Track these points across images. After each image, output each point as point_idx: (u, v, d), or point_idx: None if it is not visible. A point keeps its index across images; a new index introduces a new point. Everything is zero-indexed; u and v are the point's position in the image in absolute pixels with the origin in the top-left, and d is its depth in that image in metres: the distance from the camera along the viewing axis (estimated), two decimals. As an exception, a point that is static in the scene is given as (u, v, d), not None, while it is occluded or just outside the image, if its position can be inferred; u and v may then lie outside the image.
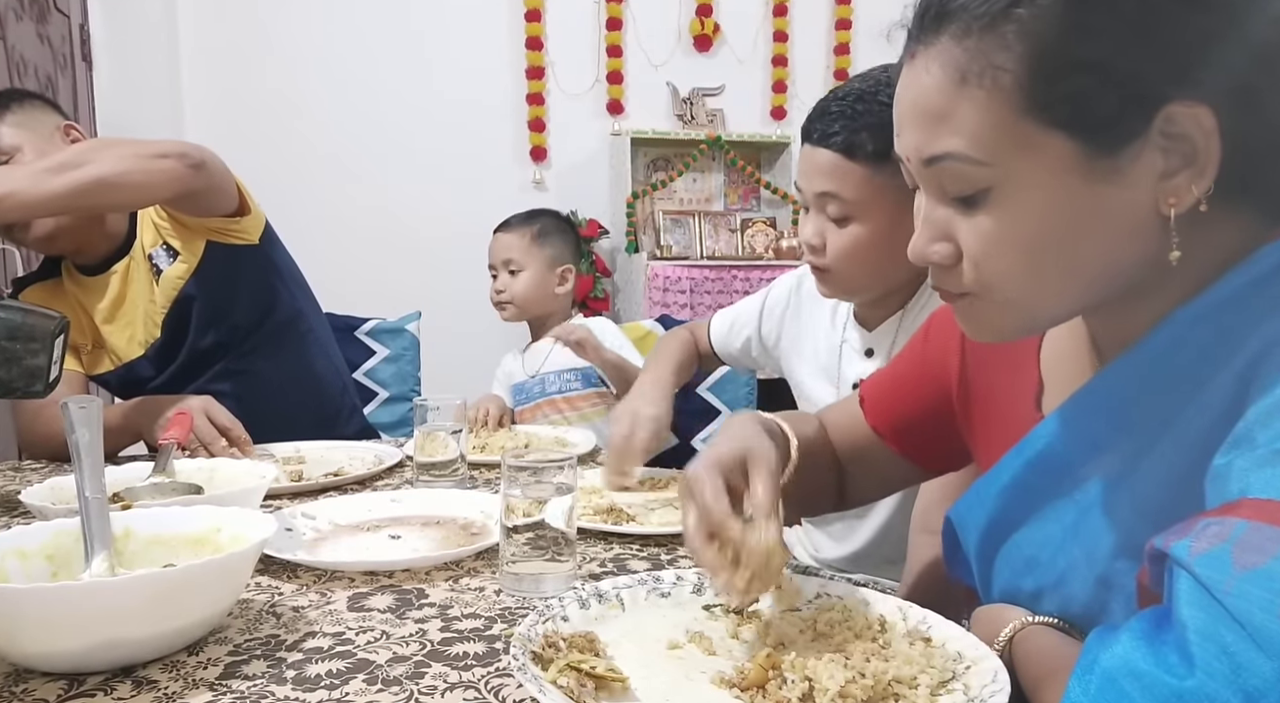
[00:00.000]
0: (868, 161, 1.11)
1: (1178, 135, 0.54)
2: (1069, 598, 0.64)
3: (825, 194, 1.15)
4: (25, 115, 1.50)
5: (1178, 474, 0.55)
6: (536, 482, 0.83)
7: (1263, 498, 0.46)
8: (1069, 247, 0.58)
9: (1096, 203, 0.56)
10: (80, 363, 1.61)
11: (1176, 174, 0.55)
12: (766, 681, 0.61)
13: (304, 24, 3.52)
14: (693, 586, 0.79)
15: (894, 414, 0.90)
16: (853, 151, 1.12)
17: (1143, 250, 0.58)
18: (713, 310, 3.86)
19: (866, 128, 1.10)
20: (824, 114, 1.14)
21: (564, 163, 3.83)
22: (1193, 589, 0.45)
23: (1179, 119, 0.54)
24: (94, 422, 0.81)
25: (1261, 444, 0.48)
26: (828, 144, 1.13)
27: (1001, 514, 0.70)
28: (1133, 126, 0.54)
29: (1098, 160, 0.55)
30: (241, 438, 1.34)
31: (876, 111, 1.10)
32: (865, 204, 1.13)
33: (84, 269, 1.59)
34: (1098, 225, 0.57)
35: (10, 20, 2.22)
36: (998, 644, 0.64)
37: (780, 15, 3.94)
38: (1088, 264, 0.59)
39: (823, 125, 1.14)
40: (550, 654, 0.63)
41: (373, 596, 0.83)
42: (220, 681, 0.66)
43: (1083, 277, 0.59)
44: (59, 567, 0.78)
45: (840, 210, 1.15)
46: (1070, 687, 0.48)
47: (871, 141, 1.10)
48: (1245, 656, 0.42)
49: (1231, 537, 0.45)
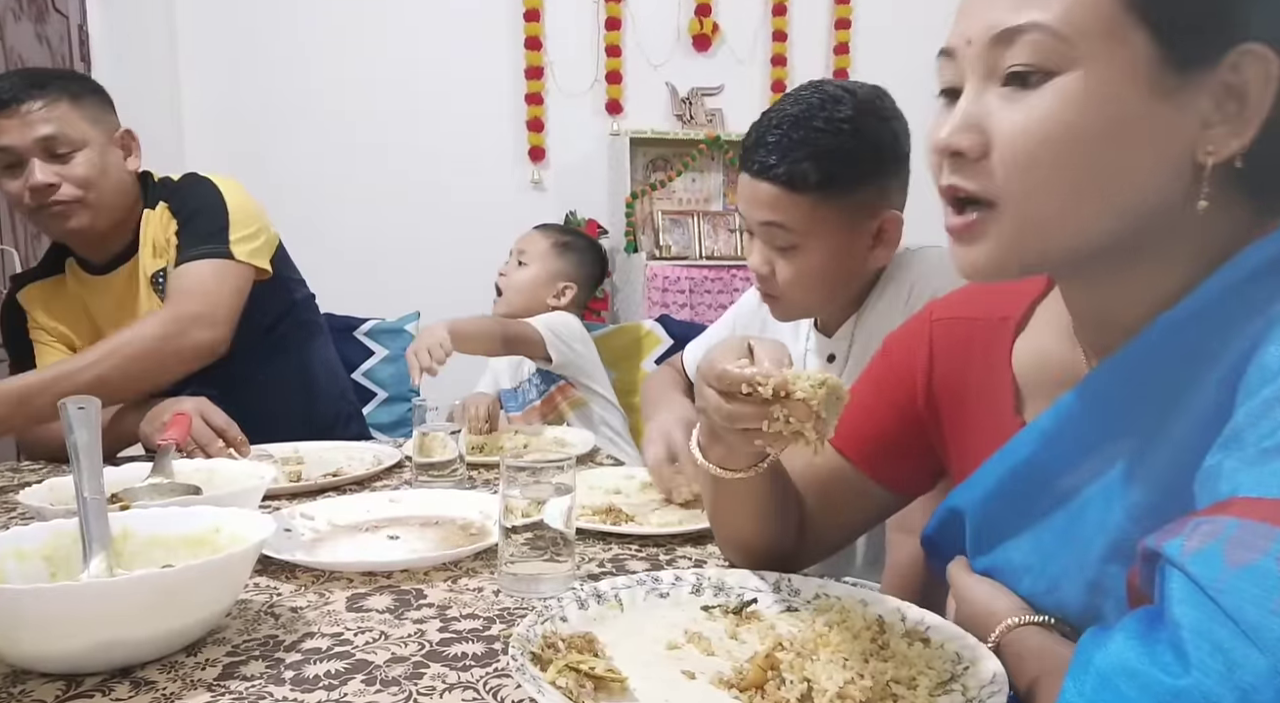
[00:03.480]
0: (811, 192, 1.09)
1: (1235, 87, 0.54)
2: (1062, 604, 0.64)
3: (769, 224, 1.13)
4: (99, 111, 1.50)
5: (1167, 477, 0.56)
6: (535, 482, 0.83)
7: (1253, 496, 0.46)
8: (1107, 153, 0.56)
9: (1148, 117, 0.55)
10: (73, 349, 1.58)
11: (1218, 125, 0.55)
12: (765, 681, 0.62)
13: (302, 24, 3.52)
14: (691, 586, 0.79)
15: (860, 435, 0.86)
16: (795, 183, 1.09)
17: (1168, 191, 0.57)
18: (712, 310, 3.85)
19: (808, 157, 1.08)
20: (760, 144, 1.11)
21: (563, 163, 3.83)
22: (1186, 588, 0.45)
23: (1246, 65, 0.54)
24: (92, 422, 0.81)
25: (1250, 444, 0.48)
26: (769, 177, 1.10)
27: (988, 522, 0.70)
28: (1208, 51, 0.54)
29: (1167, 74, 0.54)
30: (238, 439, 1.33)
31: (814, 138, 1.08)
32: (810, 233, 1.11)
33: (88, 267, 1.59)
34: (1140, 141, 0.56)
35: (9, 20, 2.22)
36: (989, 644, 0.65)
37: (779, 15, 3.93)
38: (1116, 181, 0.57)
39: (761, 156, 1.11)
40: (549, 655, 0.63)
41: (371, 596, 0.83)
42: (218, 681, 0.66)
43: (1106, 195, 0.57)
44: (57, 567, 0.78)
45: (786, 240, 1.13)
46: (1065, 687, 0.48)
47: (814, 171, 1.08)
48: (1239, 652, 0.42)
49: (1223, 535, 0.45)
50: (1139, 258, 0.60)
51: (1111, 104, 0.55)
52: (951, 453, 0.81)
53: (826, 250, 1.12)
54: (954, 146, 0.59)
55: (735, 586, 0.80)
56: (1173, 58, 0.54)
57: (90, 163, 1.45)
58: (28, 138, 1.41)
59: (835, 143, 1.08)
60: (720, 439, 0.73)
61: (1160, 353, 0.59)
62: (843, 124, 1.08)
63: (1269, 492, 0.46)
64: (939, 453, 0.83)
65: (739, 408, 0.65)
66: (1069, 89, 0.55)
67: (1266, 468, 0.47)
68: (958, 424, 0.80)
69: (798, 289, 1.16)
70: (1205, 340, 0.55)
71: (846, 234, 1.12)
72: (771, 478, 0.80)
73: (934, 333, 0.82)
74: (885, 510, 0.90)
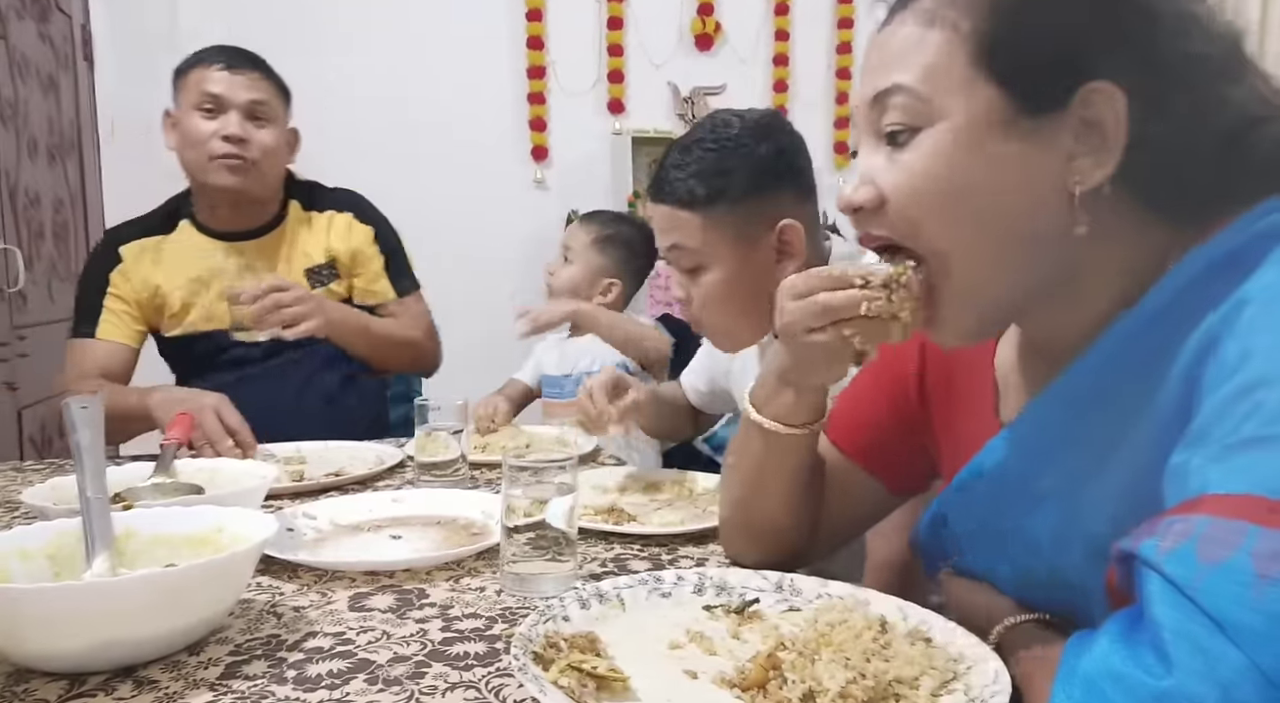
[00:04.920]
0: (700, 208, 1.13)
1: (1091, 121, 0.59)
2: (1043, 604, 0.65)
3: (673, 248, 1.17)
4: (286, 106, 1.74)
5: (1137, 477, 0.56)
6: (537, 481, 0.83)
7: (1222, 492, 0.47)
8: (982, 197, 0.60)
9: (1009, 158, 0.60)
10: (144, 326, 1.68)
11: (1082, 157, 0.59)
12: (767, 681, 0.61)
13: (304, 25, 3.51)
14: (694, 585, 0.79)
15: (855, 425, 0.87)
16: (684, 201, 1.13)
17: (1054, 223, 0.60)
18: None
19: (695, 175, 1.12)
20: (660, 170, 1.16)
21: (565, 162, 3.82)
22: (1163, 588, 0.46)
23: (1096, 101, 0.58)
24: (95, 422, 0.81)
25: (1215, 440, 0.49)
26: (662, 198, 1.15)
27: (970, 526, 0.71)
28: (1056, 95, 0.59)
29: (1020, 119, 0.59)
30: (247, 441, 1.34)
31: (699, 156, 1.13)
32: (708, 250, 1.14)
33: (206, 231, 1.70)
34: (1008, 182, 0.60)
35: (12, 19, 2.22)
36: (989, 643, 0.65)
37: (782, 14, 3.93)
38: (1000, 221, 0.61)
39: (658, 183, 1.16)
40: (551, 654, 0.63)
41: (373, 595, 0.83)
42: (221, 681, 0.66)
43: (997, 236, 0.61)
44: (60, 567, 0.78)
45: (690, 261, 1.16)
46: (1054, 694, 0.49)
47: (702, 186, 1.12)
48: (1218, 650, 0.43)
49: (1195, 532, 0.46)
50: (1058, 288, 0.63)
51: (973, 152, 0.60)
52: (942, 450, 0.82)
53: (729, 268, 1.15)
54: (854, 204, 0.65)
55: (737, 585, 0.80)
56: (1025, 104, 0.59)
57: (276, 137, 1.67)
58: (240, 96, 1.62)
59: (718, 159, 1.12)
60: (796, 368, 0.77)
61: (1120, 357, 0.60)
62: (727, 142, 1.13)
63: (1237, 487, 0.46)
64: (931, 451, 0.83)
65: (831, 298, 0.69)
66: (934, 143, 0.61)
67: (1233, 463, 0.47)
68: (946, 422, 0.80)
69: (714, 313, 1.18)
70: (1163, 341, 0.56)
71: (744, 249, 1.14)
72: (811, 448, 0.83)
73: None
74: (880, 508, 0.91)
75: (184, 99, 1.64)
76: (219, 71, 1.62)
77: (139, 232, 1.70)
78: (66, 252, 2.56)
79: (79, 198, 2.67)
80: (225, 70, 1.62)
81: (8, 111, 2.20)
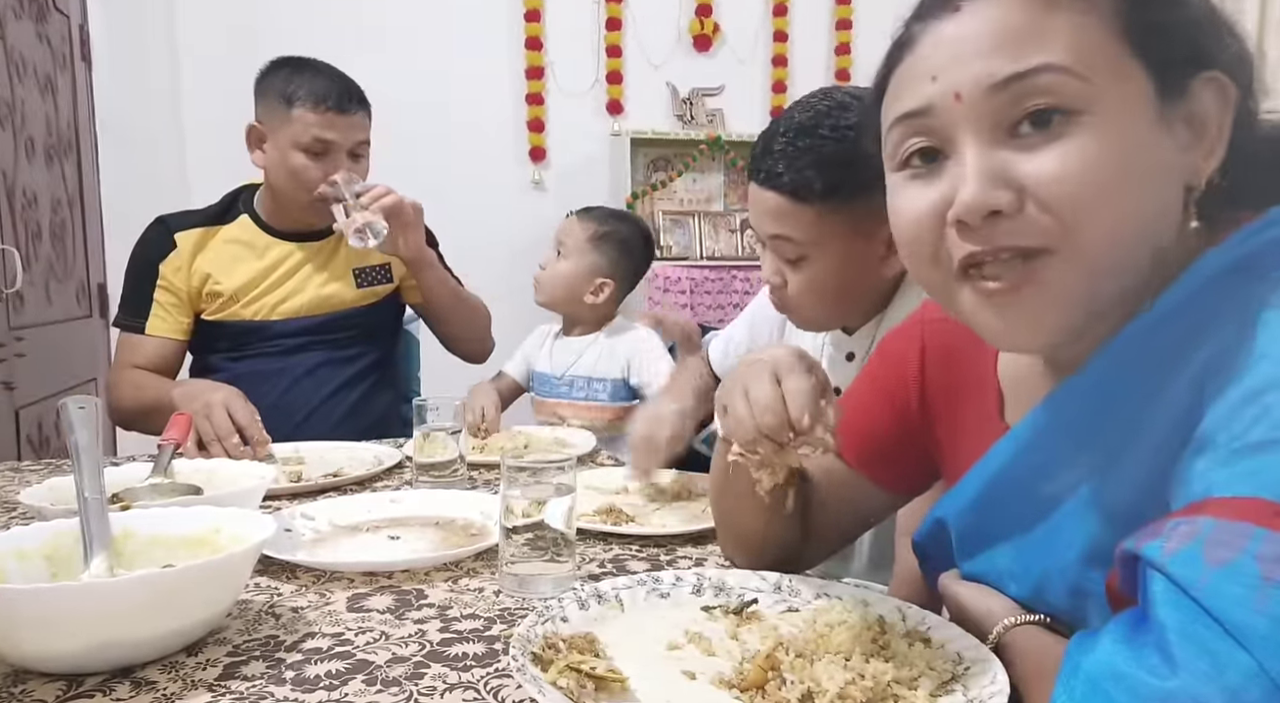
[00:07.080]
0: (816, 201, 1.06)
1: (1196, 112, 0.56)
2: (1046, 608, 0.65)
3: (777, 236, 1.11)
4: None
5: (1142, 482, 0.56)
6: (536, 482, 0.83)
7: (1227, 496, 0.46)
8: (1141, 187, 0.55)
9: (1155, 149, 0.56)
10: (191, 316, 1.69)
11: (1190, 151, 0.57)
12: (766, 681, 0.61)
13: (302, 25, 3.51)
14: (692, 586, 0.79)
15: (856, 433, 0.85)
16: (800, 193, 1.06)
17: (1175, 220, 0.58)
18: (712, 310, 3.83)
19: (812, 166, 1.05)
20: (767, 153, 1.09)
21: (564, 163, 3.82)
22: (1168, 590, 0.46)
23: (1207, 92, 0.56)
24: (92, 422, 0.81)
25: (1222, 445, 0.48)
26: (774, 186, 1.08)
27: (972, 530, 0.71)
28: (1182, 81, 0.56)
29: (1164, 105, 0.56)
30: (257, 438, 1.34)
31: (819, 146, 1.05)
32: (818, 243, 1.09)
33: (269, 229, 1.72)
34: (1155, 173, 0.56)
35: (9, 19, 2.22)
36: (989, 644, 0.65)
37: (780, 15, 3.93)
38: (1152, 214, 0.57)
39: (767, 165, 1.09)
40: (550, 655, 0.63)
41: (372, 596, 0.83)
42: (219, 682, 0.66)
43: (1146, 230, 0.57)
44: (58, 567, 0.78)
45: (794, 252, 1.11)
46: (1056, 693, 0.49)
47: (819, 179, 1.05)
48: (1225, 652, 0.42)
49: (1201, 535, 0.46)
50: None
51: (1129, 139, 0.55)
52: (945, 454, 0.81)
53: (836, 261, 1.10)
54: (992, 205, 0.56)
55: (736, 586, 0.80)
56: (1166, 89, 0.56)
57: (367, 166, 1.73)
58: (350, 139, 1.65)
59: (840, 150, 1.05)
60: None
61: (1127, 361, 0.59)
62: (849, 131, 1.04)
63: (1243, 490, 0.46)
64: (933, 454, 0.83)
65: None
66: (1095, 127, 0.54)
67: (1239, 467, 0.47)
68: (949, 426, 0.80)
69: (809, 300, 1.14)
70: (1171, 347, 0.56)
71: (856, 243, 1.09)
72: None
73: (925, 334, 0.82)
74: (883, 510, 0.90)
75: (287, 133, 1.61)
76: (331, 115, 1.61)
77: (198, 220, 1.72)
78: (64, 252, 2.56)
79: (76, 198, 2.66)
80: (335, 112, 1.62)
81: (5, 112, 2.20)
